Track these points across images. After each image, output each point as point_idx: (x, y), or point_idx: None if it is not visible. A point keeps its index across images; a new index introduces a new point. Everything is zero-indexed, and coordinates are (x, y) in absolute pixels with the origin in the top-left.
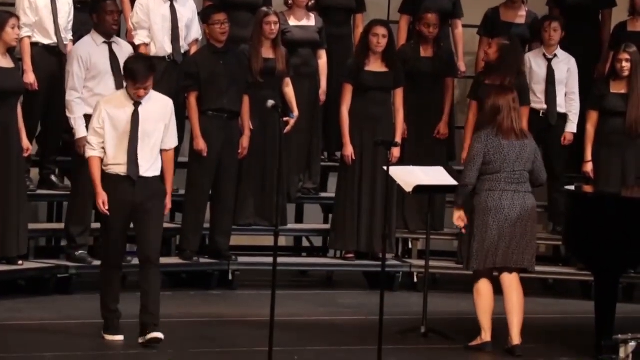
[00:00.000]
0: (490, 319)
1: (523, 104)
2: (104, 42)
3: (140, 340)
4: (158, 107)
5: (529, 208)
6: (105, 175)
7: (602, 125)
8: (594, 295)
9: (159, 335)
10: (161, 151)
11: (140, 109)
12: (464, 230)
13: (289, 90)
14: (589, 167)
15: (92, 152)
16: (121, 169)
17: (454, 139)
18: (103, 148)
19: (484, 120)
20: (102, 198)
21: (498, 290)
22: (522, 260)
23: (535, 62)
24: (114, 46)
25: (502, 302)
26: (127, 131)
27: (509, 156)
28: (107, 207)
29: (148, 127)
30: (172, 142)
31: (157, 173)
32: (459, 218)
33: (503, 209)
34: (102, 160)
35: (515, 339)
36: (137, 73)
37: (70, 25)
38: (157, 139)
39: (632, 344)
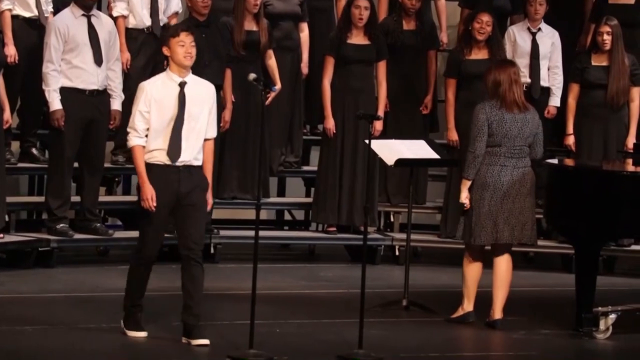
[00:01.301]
0: (475, 288)
1: None
2: (83, 14)
3: (184, 341)
4: (203, 90)
5: (527, 183)
6: (148, 165)
7: (584, 98)
8: (575, 268)
9: (207, 341)
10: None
11: (185, 89)
12: (467, 207)
13: (272, 62)
14: (570, 140)
15: (138, 140)
16: (166, 157)
17: (436, 112)
18: (146, 135)
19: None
20: (150, 193)
21: (487, 264)
22: (523, 236)
23: (519, 36)
24: (93, 19)
25: (490, 276)
26: (173, 115)
27: (510, 131)
28: (155, 203)
29: (194, 110)
30: (214, 130)
31: (200, 164)
32: (467, 198)
33: (502, 184)
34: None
35: (497, 313)
36: (176, 26)
37: None
38: (202, 124)
39: (612, 316)
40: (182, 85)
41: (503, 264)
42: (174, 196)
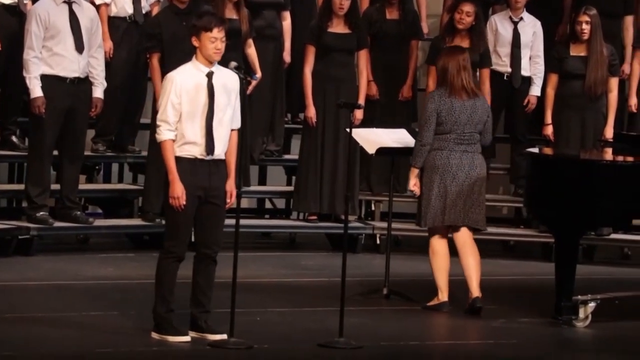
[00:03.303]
0: (446, 278)
1: (485, 66)
2: (64, 1)
3: (196, 335)
4: (229, 80)
5: (477, 168)
6: (177, 158)
7: (562, 87)
8: (555, 257)
9: (224, 336)
10: None
11: (213, 80)
12: (417, 193)
13: (252, 51)
14: (549, 130)
15: (169, 133)
16: (198, 150)
17: (416, 101)
18: (176, 128)
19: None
20: (181, 190)
21: (454, 252)
22: (471, 219)
23: (501, 25)
24: (74, 6)
25: (459, 263)
26: (201, 106)
27: (460, 118)
28: (184, 202)
29: (222, 100)
30: (239, 121)
31: (224, 157)
32: (415, 185)
33: (451, 167)
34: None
35: (475, 291)
36: (210, 19)
37: None
38: (229, 115)
39: (592, 304)
40: (209, 75)
41: (467, 247)
42: (203, 191)
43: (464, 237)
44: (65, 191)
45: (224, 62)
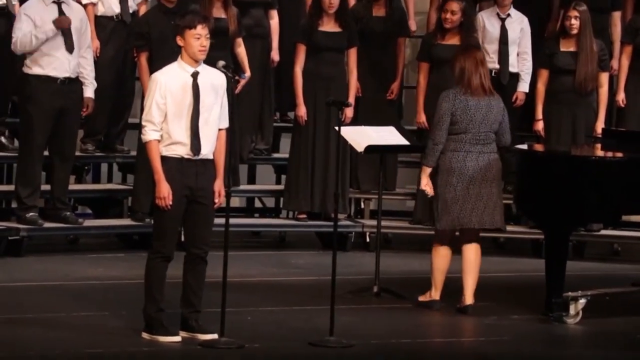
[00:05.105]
0: (443, 278)
1: None
2: (53, 2)
3: (186, 335)
4: (215, 80)
5: (493, 169)
6: (164, 157)
7: (553, 83)
8: (545, 253)
9: (215, 336)
10: None
11: (198, 80)
12: (430, 194)
13: (241, 50)
14: (539, 126)
15: (154, 134)
16: (184, 150)
17: (401, 99)
18: (161, 128)
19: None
20: (167, 191)
21: (456, 251)
22: (494, 221)
23: (488, 22)
24: (63, 6)
25: (459, 262)
26: (187, 106)
27: (475, 117)
28: (171, 202)
29: (208, 100)
30: (227, 120)
31: (212, 157)
32: (426, 185)
33: (467, 169)
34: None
35: (469, 298)
36: (193, 17)
37: None
38: (216, 114)
39: (582, 301)
40: (194, 75)
41: (472, 250)
42: (190, 191)
43: (471, 240)
44: (57, 192)
45: (211, 61)
